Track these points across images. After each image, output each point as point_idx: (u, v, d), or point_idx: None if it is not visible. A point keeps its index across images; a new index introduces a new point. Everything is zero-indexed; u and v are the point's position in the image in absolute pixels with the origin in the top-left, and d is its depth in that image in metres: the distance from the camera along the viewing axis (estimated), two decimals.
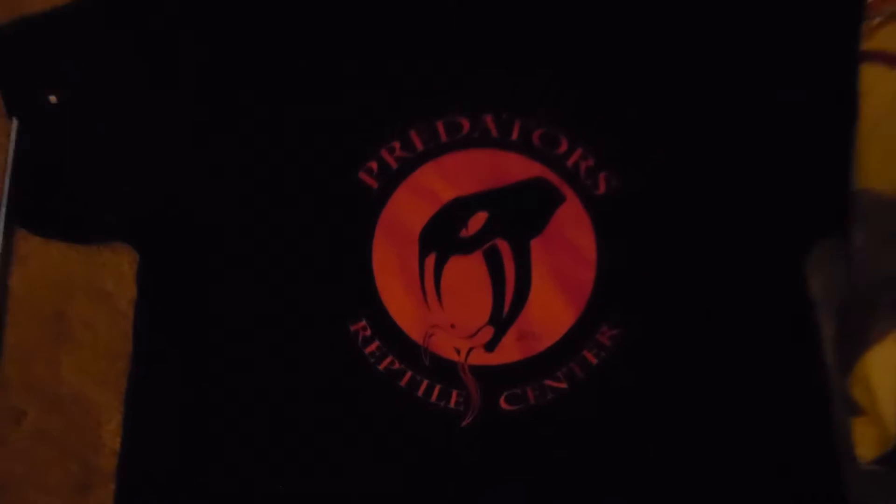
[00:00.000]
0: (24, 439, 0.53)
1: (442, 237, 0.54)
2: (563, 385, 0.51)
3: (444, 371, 0.52)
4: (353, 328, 0.52)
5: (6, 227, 0.54)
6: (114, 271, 0.55)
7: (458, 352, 0.52)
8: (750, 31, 0.56)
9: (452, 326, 0.52)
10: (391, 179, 0.54)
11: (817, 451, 0.51)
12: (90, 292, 0.55)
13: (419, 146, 0.55)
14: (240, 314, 0.52)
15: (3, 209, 0.54)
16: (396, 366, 0.51)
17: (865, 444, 0.49)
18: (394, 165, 0.54)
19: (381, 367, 0.51)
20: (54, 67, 0.57)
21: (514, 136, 0.55)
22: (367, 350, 0.52)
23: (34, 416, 0.53)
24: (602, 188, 0.54)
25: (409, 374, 0.51)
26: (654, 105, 0.55)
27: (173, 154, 0.54)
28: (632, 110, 0.55)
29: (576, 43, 0.56)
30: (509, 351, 0.52)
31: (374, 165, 0.54)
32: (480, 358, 0.52)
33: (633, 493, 0.50)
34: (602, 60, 0.56)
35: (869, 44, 0.54)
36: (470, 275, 0.53)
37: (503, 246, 0.54)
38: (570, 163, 0.54)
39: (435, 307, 0.53)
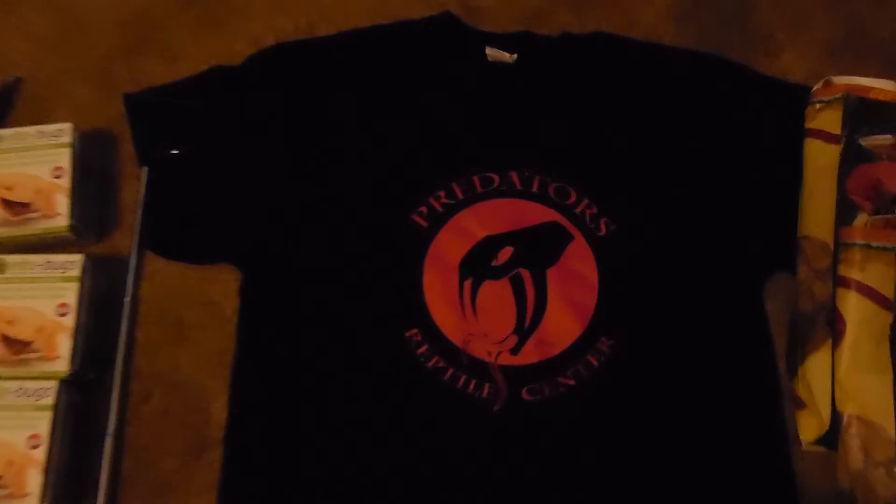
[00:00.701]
0: (151, 415, 0.64)
1: (477, 266, 0.67)
2: (572, 381, 0.64)
3: (479, 369, 0.64)
4: (407, 334, 0.65)
5: (139, 250, 0.68)
6: (221, 286, 0.67)
7: (490, 354, 0.65)
8: (721, 118, 0.71)
9: (485, 335, 0.65)
10: (437, 221, 0.68)
11: (772, 436, 0.64)
12: (203, 302, 0.67)
13: (459, 195, 0.69)
14: (319, 322, 0.65)
15: (137, 237, 0.68)
16: (441, 364, 0.64)
17: (806, 430, 0.62)
18: (439, 210, 0.69)
19: (428, 365, 0.64)
20: (176, 127, 0.71)
21: (535, 188, 0.69)
22: (419, 352, 0.64)
23: (158, 398, 0.65)
24: (603, 230, 0.68)
25: (450, 370, 0.64)
26: (644, 169, 0.70)
27: (267, 195, 0.68)
28: (627, 171, 0.70)
29: (584, 117, 0.71)
30: (530, 354, 0.65)
31: (424, 210, 0.68)
32: (507, 359, 0.65)
33: (623, 467, 0.62)
34: (604, 133, 0.71)
35: (812, 123, 0.69)
36: (499, 295, 0.66)
37: (525, 274, 0.67)
38: (577, 210, 0.69)
39: (471, 319, 0.66)
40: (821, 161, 0.66)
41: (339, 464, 0.62)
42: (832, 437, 0.60)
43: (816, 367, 0.62)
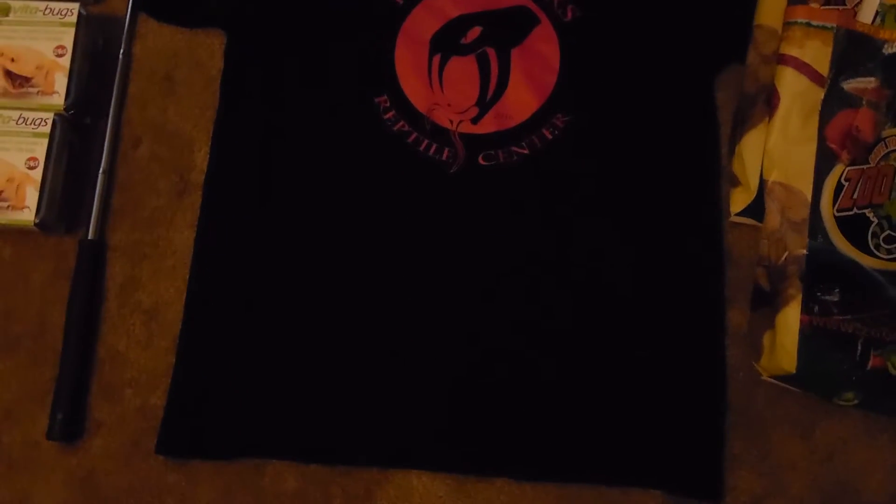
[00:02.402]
0: (141, 159, 0.71)
1: (446, 42, 0.72)
2: (525, 151, 0.69)
3: (440, 135, 0.70)
4: (377, 100, 0.70)
5: (132, 12, 0.73)
6: (208, 48, 0.73)
7: (452, 122, 0.70)
8: None
9: (449, 105, 0.70)
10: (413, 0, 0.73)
11: (705, 216, 0.68)
12: (190, 62, 0.73)
13: None
14: (297, 83, 0.71)
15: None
16: (406, 128, 0.70)
17: (736, 203, 0.67)
18: None
19: (395, 128, 0.69)
20: None
21: None
22: (386, 116, 0.70)
23: (147, 143, 0.71)
24: (569, 16, 0.72)
25: (414, 134, 0.70)
26: None
27: None
28: None
29: None
30: (488, 124, 0.70)
31: None
32: (467, 128, 0.70)
33: (562, 236, 0.67)
34: None
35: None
36: (465, 70, 0.71)
37: (491, 52, 0.72)
38: None
39: (437, 91, 0.71)
40: (794, 90, 0.66)
41: (305, 208, 0.68)
42: (759, 208, 0.65)
43: (751, 142, 0.66)
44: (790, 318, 0.61)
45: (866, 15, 0.66)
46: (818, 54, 0.64)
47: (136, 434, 0.66)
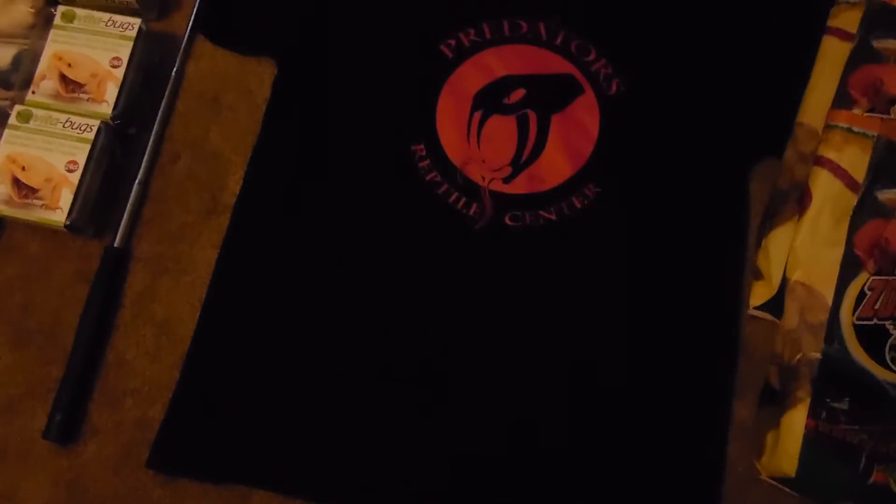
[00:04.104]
0: (177, 174, 0.72)
1: (489, 100, 0.73)
2: (553, 216, 0.69)
3: (471, 189, 0.70)
4: (413, 147, 0.71)
5: (190, 32, 0.75)
6: (258, 76, 0.74)
7: (484, 179, 0.71)
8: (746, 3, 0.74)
9: (483, 161, 0.71)
10: (463, 54, 0.74)
11: (726, 303, 0.68)
12: (239, 87, 0.74)
13: (488, 35, 0.74)
14: (340, 123, 0.72)
15: (192, 20, 0.75)
16: (438, 178, 0.70)
17: (756, 296, 0.67)
18: (466, 44, 0.74)
19: (427, 177, 0.70)
20: None
21: (558, 41, 0.74)
22: (421, 165, 0.71)
23: (186, 160, 0.73)
24: (613, 90, 0.73)
25: (445, 185, 0.70)
26: (662, 40, 0.74)
27: (315, 3, 0.75)
28: (645, 40, 0.74)
29: None
30: (520, 185, 0.70)
31: (452, 42, 0.74)
32: (498, 186, 0.70)
33: (584, 302, 0.67)
34: (631, 1, 0.75)
35: (833, 21, 0.71)
36: (504, 129, 0.72)
37: (532, 115, 0.72)
38: (593, 68, 0.73)
39: (474, 146, 0.72)
40: (832, 56, 0.69)
41: (330, 242, 0.69)
42: (778, 305, 0.65)
43: (779, 238, 0.66)
44: (796, 421, 0.60)
45: None
46: (856, 160, 0.64)
47: (129, 444, 0.66)
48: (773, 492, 0.63)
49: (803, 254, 0.63)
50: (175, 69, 0.74)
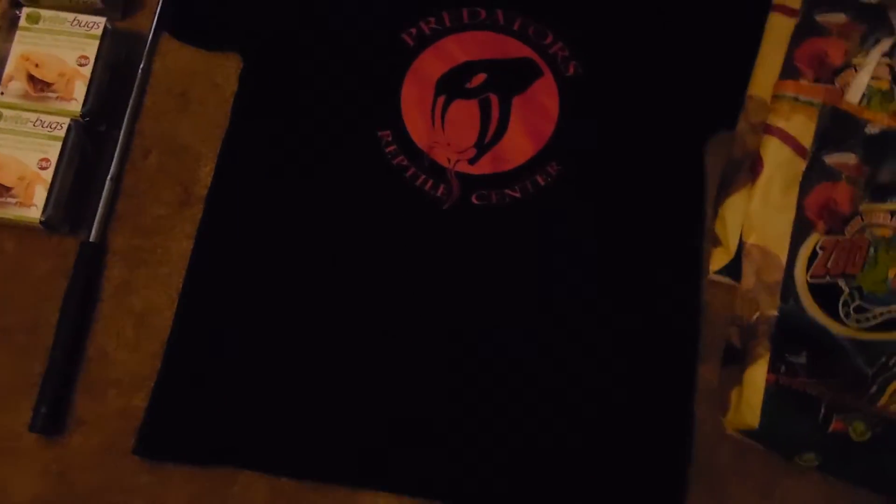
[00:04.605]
0: (149, 168, 0.74)
1: (452, 85, 0.75)
2: (517, 194, 0.72)
3: (437, 172, 0.72)
4: (380, 134, 0.73)
5: (155, 30, 0.76)
6: (225, 70, 0.76)
7: (449, 161, 0.73)
8: None
9: (448, 144, 0.73)
10: (424, 41, 0.76)
11: (685, 271, 0.71)
12: (206, 82, 0.76)
13: (447, 23, 0.76)
14: (305, 113, 0.74)
15: (156, 18, 0.77)
16: (405, 163, 0.72)
17: (715, 262, 0.69)
18: (427, 32, 0.76)
19: (394, 161, 0.72)
20: None
21: (516, 27, 0.76)
22: (387, 150, 0.73)
23: (157, 155, 0.74)
24: (570, 71, 0.75)
25: (412, 169, 0.72)
26: (616, 22, 0.76)
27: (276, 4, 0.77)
28: (600, 22, 0.77)
29: None
30: (485, 166, 0.73)
31: (413, 31, 0.76)
32: (464, 167, 0.73)
33: (551, 272, 0.70)
34: None
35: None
36: (467, 113, 0.74)
37: (493, 98, 0.75)
38: (551, 51, 0.76)
39: (438, 130, 0.74)
40: (777, 31, 0.72)
41: (301, 227, 0.71)
42: (737, 268, 0.68)
43: (734, 205, 0.69)
44: (757, 375, 0.63)
45: (854, 96, 0.69)
46: (803, 128, 0.67)
47: (114, 434, 0.67)
48: (741, 447, 0.66)
49: (757, 218, 0.66)
50: (142, 66, 0.75)
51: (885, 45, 0.68)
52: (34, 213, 0.68)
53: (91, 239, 0.71)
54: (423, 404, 0.67)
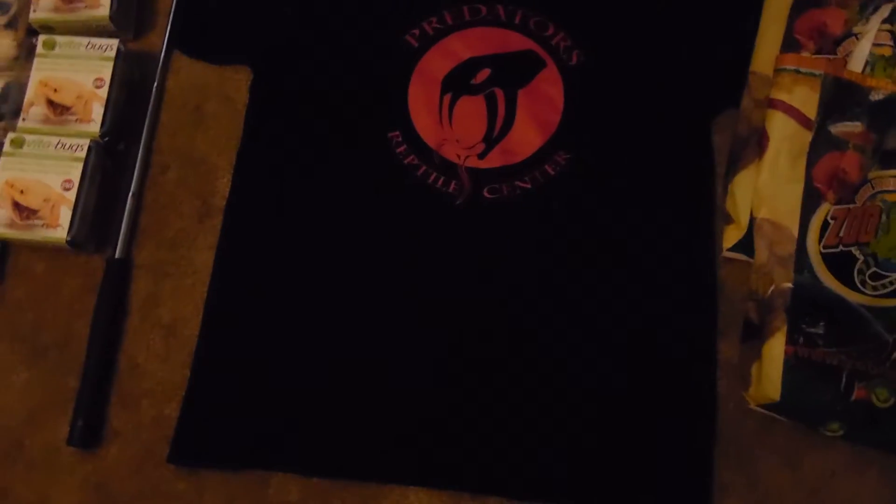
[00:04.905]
0: (168, 183, 0.76)
1: (457, 83, 0.76)
2: (528, 185, 0.73)
3: (448, 168, 0.74)
4: (390, 135, 0.74)
5: (166, 49, 0.79)
6: (236, 84, 0.78)
7: (459, 157, 0.74)
8: None
9: (457, 141, 0.74)
10: (427, 42, 0.77)
11: (701, 250, 0.71)
12: (219, 95, 0.78)
13: (449, 21, 0.78)
14: (316, 116, 0.75)
15: (167, 37, 0.79)
16: (416, 161, 0.74)
17: (728, 239, 0.70)
18: (430, 32, 0.78)
19: (406, 161, 0.74)
20: None
21: (517, 20, 0.78)
22: (398, 150, 0.74)
23: (175, 169, 0.76)
24: (574, 60, 0.76)
25: (423, 167, 0.74)
26: (616, 9, 0.77)
27: (281, 8, 0.78)
28: (600, 11, 0.77)
29: None
30: (494, 160, 0.74)
31: (416, 32, 0.77)
32: (474, 162, 0.74)
33: (564, 263, 0.71)
34: None
35: None
36: (474, 109, 0.75)
37: (499, 92, 0.76)
38: (553, 42, 0.77)
39: (447, 127, 0.75)
40: (776, 6, 0.72)
41: (319, 234, 0.72)
42: (750, 244, 0.68)
43: (743, 182, 0.69)
44: (775, 349, 0.63)
45: (856, 64, 0.69)
46: (806, 99, 0.67)
47: (149, 443, 0.69)
48: (765, 421, 0.67)
49: (766, 192, 0.67)
50: (156, 84, 0.77)
51: (885, 10, 0.69)
52: (60, 233, 0.70)
53: (116, 255, 0.73)
54: (447, 400, 0.68)
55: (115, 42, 0.75)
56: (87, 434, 0.69)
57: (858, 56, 0.68)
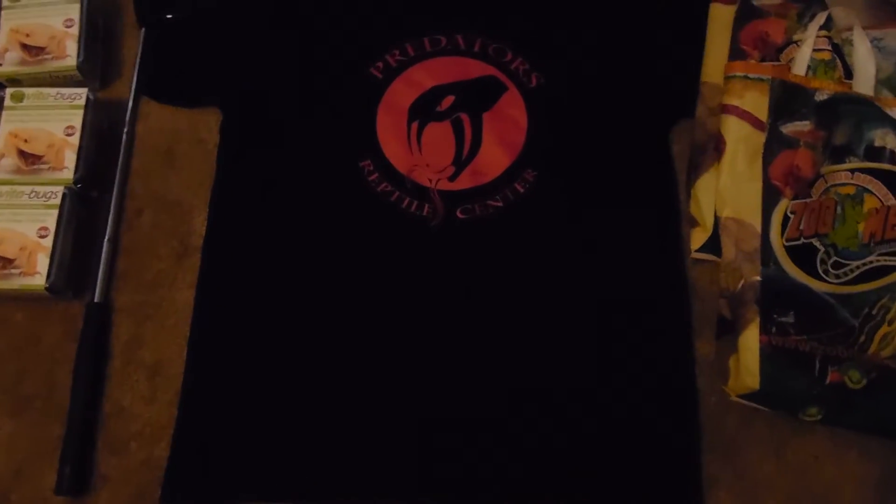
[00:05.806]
0: (144, 226, 0.76)
1: (423, 110, 0.79)
2: (500, 203, 0.75)
3: (420, 192, 0.75)
4: (361, 164, 0.76)
5: (135, 96, 0.80)
6: (206, 125, 0.78)
7: (430, 181, 0.76)
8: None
9: (427, 165, 0.76)
10: (391, 73, 0.80)
11: (669, 254, 0.74)
12: (190, 137, 0.79)
13: (411, 53, 0.80)
14: (287, 154, 0.77)
15: (134, 84, 0.80)
16: (388, 188, 0.75)
17: (695, 241, 0.73)
18: (393, 65, 0.80)
19: (378, 188, 0.75)
20: None
21: (476, 48, 0.80)
22: (370, 178, 0.76)
23: (150, 212, 0.77)
24: (533, 83, 0.79)
25: (396, 193, 0.75)
26: (570, 31, 0.81)
27: (246, 49, 0.80)
28: (555, 34, 0.81)
29: None
30: (465, 181, 0.76)
31: (380, 65, 0.80)
32: (445, 185, 0.76)
33: (540, 276, 0.73)
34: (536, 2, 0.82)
35: None
36: (441, 134, 0.78)
37: (464, 117, 0.78)
38: (512, 66, 0.80)
39: (416, 153, 0.77)
40: (720, 20, 0.77)
41: (298, 267, 0.73)
42: (716, 244, 0.71)
43: (705, 185, 0.72)
44: (750, 339, 0.66)
45: (800, 68, 0.73)
46: (757, 103, 0.71)
47: (141, 486, 0.68)
48: (747, 413, 0.69)
49: (728, 193, 0.70)
50: (126, 130, 0.78)
51: (821, 18, 0.73)
52: (39, 280, 0.70)
53: (96, 300, 0.73)
54: (433, 425, 0.69)
55: (83, 91, 0.76)
56: (75, 481, 0.68)
57: (801, 61, 0.73)
